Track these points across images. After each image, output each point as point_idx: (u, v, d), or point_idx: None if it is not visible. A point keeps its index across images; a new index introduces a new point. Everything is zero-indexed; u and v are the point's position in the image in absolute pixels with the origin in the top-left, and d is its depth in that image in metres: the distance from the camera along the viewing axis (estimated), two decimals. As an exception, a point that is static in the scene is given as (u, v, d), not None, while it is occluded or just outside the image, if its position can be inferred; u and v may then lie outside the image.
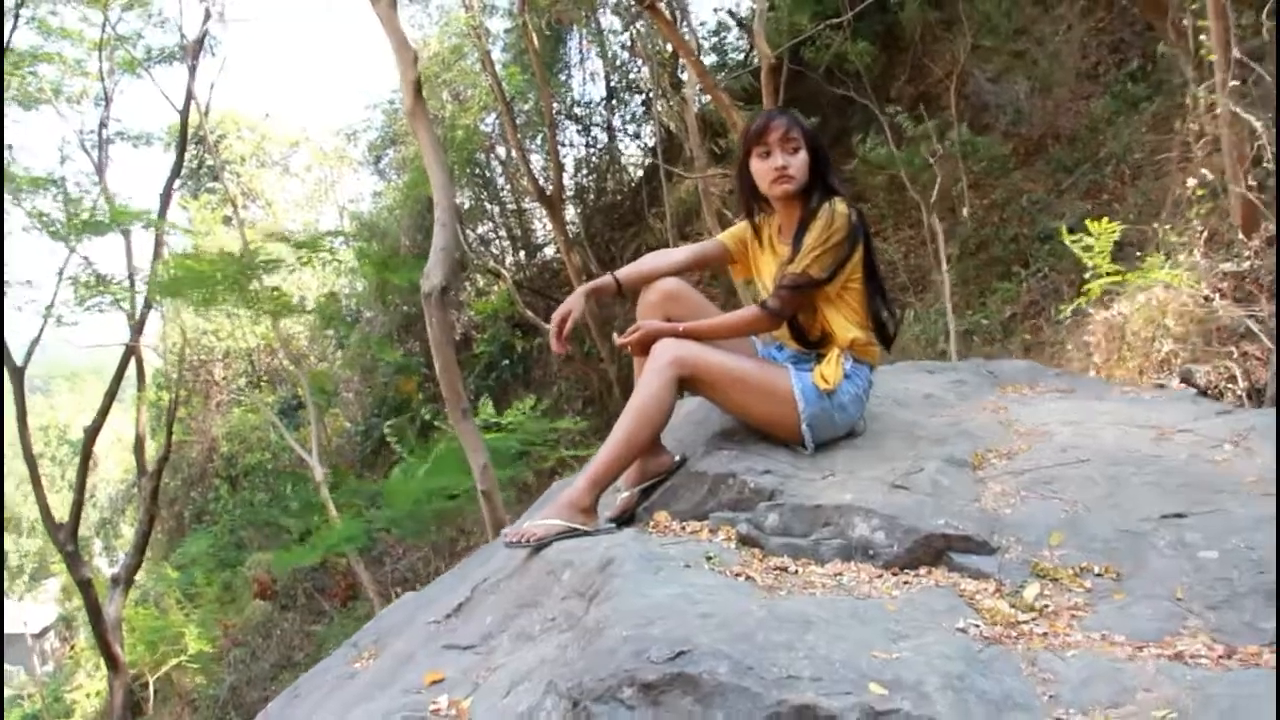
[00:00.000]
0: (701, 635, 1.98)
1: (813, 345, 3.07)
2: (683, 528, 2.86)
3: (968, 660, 1.99)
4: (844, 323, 3.02)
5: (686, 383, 2.91)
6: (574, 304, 3.07)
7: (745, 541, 2.71)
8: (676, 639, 1.96)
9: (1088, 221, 6.63)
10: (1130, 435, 3.18)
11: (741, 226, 3.27)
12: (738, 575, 2.47)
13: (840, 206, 2.92)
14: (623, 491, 3.06)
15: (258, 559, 15.13)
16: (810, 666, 1.90)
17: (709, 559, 2.56)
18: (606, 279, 3.16)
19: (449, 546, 13.75)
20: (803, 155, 2.98)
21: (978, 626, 2.19)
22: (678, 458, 3.09)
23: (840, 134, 12.41)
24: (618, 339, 3.01)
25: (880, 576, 2.49)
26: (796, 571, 2.55)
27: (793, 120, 2.98)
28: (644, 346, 2.95)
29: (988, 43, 11.73)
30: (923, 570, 2.52)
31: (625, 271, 3.19)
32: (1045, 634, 2.19)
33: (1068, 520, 2.62)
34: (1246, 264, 7.12)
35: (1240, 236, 7.27)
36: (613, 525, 2.92)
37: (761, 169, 2.99)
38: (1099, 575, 2.42)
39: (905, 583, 2.46)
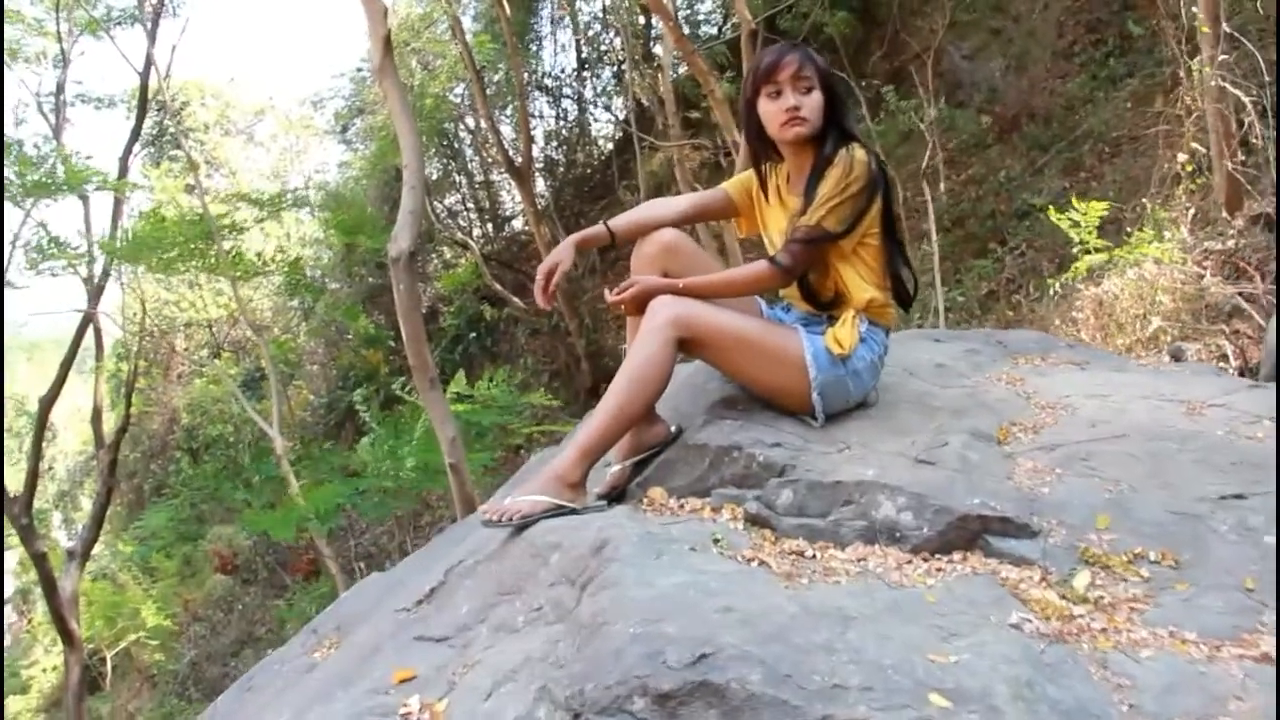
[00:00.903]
0: (725, 634, 1.66)
1: (825, 306, 2.74)
2: (681, 506, 2.54)
3: (1033, 664, 1.69)
4: (860, 281, 2.69)
5: (686, 345, 2.57)
6: (562, 255, 2.72)
7: (754, 521, 2.39)
8: (696, 639, 1.64)
9: (1075, 200, 6.38)
10: (1161, 409, 2.90)
11: (747, 176, 2.93)
12: (750, 560, 2.15)
13: (859, 153, 2.59)
14: (612, 465, 2.72)
15: (218, 532, 14.68)
16: (858, 673, 1.58)
17: (716, 541, 2.24)
18: (599, 228, 2.81)
19: (413, 520, 13.39)
20: (817, 96, 2.64)
21: (1031, 621, 1.89)
22: (674, 428, 2.76)
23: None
24: (610, 296, 2.67)
25: (909, 562, 2.18)
26: (815, 556, 2.23)
27: (806, 56, 2.64)
28: (639, 304, 2.61)
29: (965, 17, 11.46)
30: (956, 555, 2.21)
31: (620, 221, 2.84)
32: (1105, 630, 1.90)
33: (1113, 501, 2.32)
34: (1231, 242, 6.90)
35: (1224, 214, 7.05)
36: (603, 503, 2.58)
37: (771, 110, 2.65)
38: (1155, 562, 2.13)
39: (939, 569, 2.15)
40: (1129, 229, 7.16)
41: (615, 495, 2.69)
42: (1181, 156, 7.05)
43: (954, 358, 3.36)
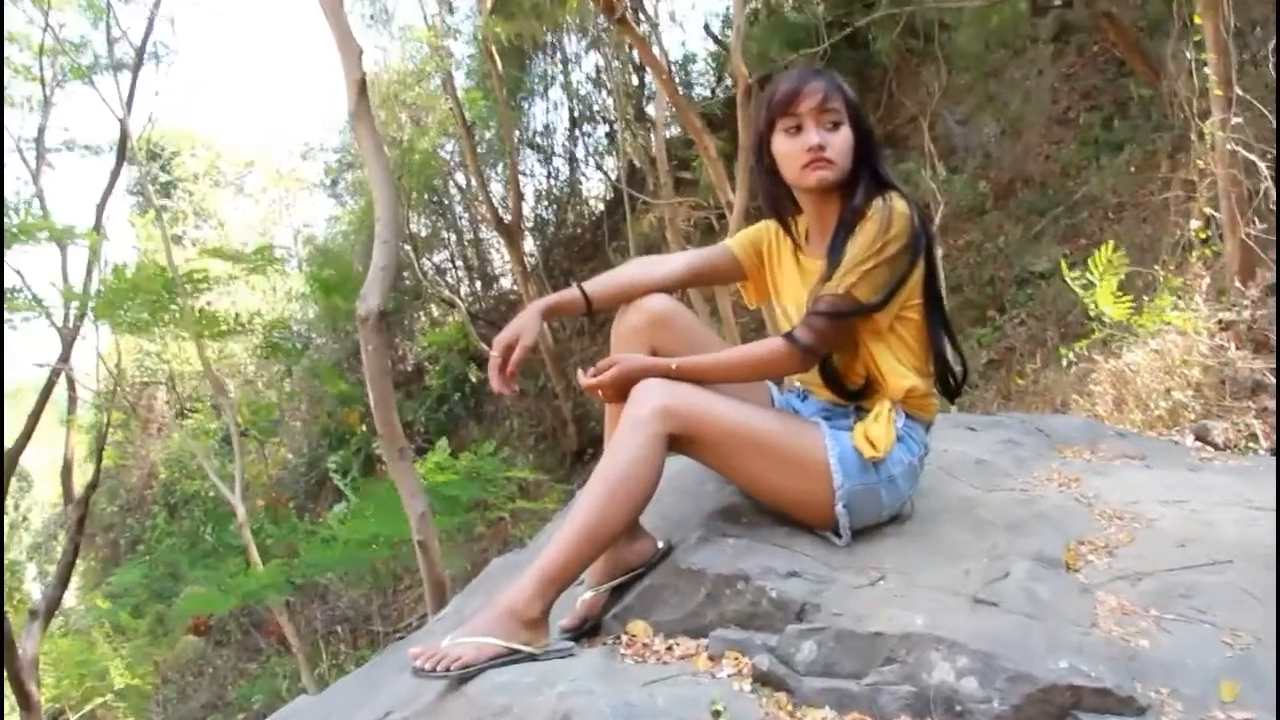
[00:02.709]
0: None
1: (852, 395, 2.13)
2: (669, 648, 1.94)
3: None
4: (896, 365, 2.08)
5: (678, 442, 1.98)
6: (524, 327, 2.12)
7: (765, 681, 1.78)
8: None
9: (1090, 261, 5.84)
10: (1255, 523, 2.30)
11: (757, 230, 2.33)
12: (763, 747, 1.55)
13: (899, 204, 2.00)
14: (584, 590, 2.11)
15: (192, 592, 13.90)
16: None
17: (717, 715, 1.63)
18: (571, 293, 2.21)
19: (392, 584, 12.71)
20: (845, 132, 2.05)
21: None
22: (661, 544, 2.15)
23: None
24: (583, 378, 2.07)
25: (977, 751, 1.57)
26: (848, 736, 1.62)
27: (833, 84, 2.06)
28: (621, 389, 2.02)
29: (958, 81, 11.04)
30: (1039, 742, 1.60)
31: (599, 284, 2.23)
32: None
33: (1238, 660, 1.72)
34: (1246, 313, 6.37)
35: (1237, 283, 6.54)
36: (570, 644, 1.96)
37: (789, 150, 2.06)
38: (1313, 760, 1.53)
39: (1017, 764, 1.54)
40: (1139, 297, 6.65)
41: (586, 629, 2.08)
42: (1195, 223, 6.53)
43: (993, 451, 2.76)
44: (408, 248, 13.77)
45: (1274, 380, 5.71)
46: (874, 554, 2.05)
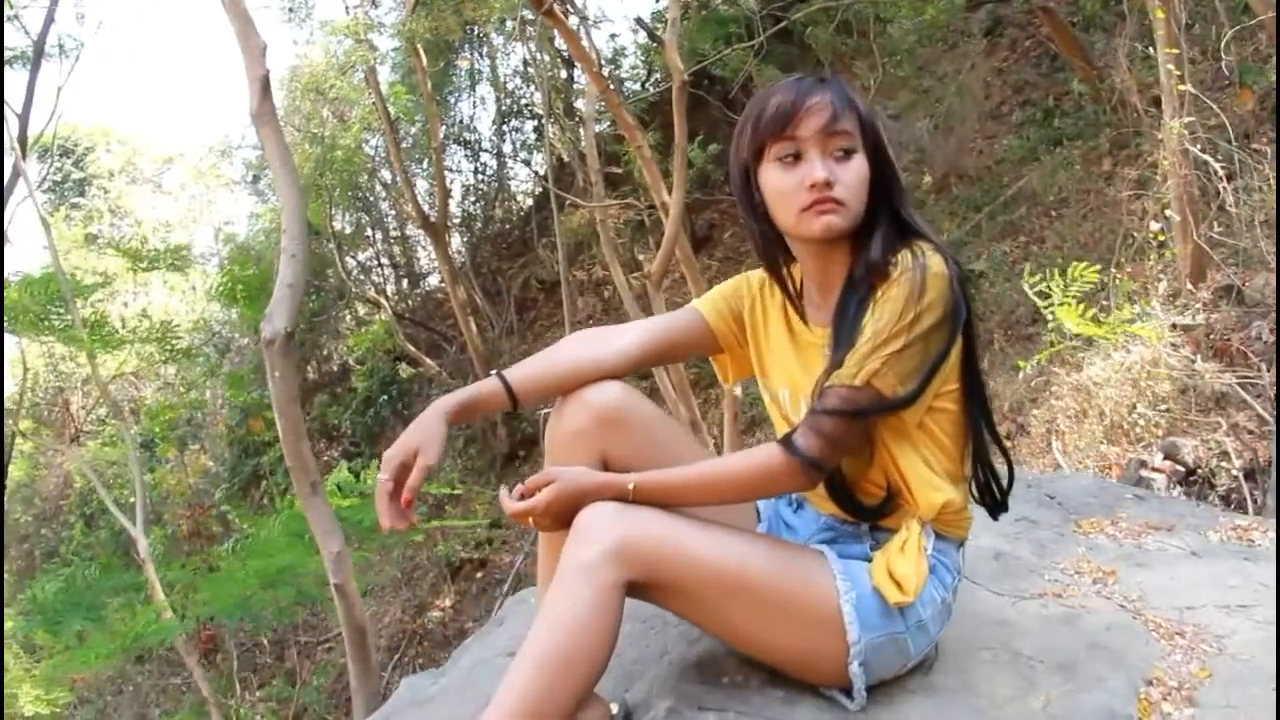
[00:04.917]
0: None
1: (867, 513, 1.57)
2: None
3: None
4: (926, 473, 1.51)
5: (639, 589, 1.41)
6: (424, 440, 1.51)
7: None
8: None
9: (1065, 271, 5.39)
10: (1342, 636, 1.79)
11: (734, 288, 1.74)
12: None
13: (935, 262, 1.43)
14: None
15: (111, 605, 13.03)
16: None
17: None
18: (489, 386, 1.61)
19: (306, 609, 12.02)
20: (859, 163, 1.48)
21: None
22: (614, 708, 1.57)
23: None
24: (507, 501, 1.49)
25: None
26: None
27: (842, 98, 1.47)
28: (560, 517, 1.44)
29: (896, 75, 10.60)
30: None
31: (526, 372, 1.64)
32: None
33: None
34: (1200, 317, 5.99)
35: (1188, 286, 6.16)
36: None
37: (784, 186, 1.47)
38: None
39: None
40: (1089, 298, 6.26)
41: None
42: (1154, 225, 6.13)
43: (1009, 535, 2.23)
44: (331, 246, 13.05)
45: (1240, 392, 5.32)
46: (896, 718, 1.50)
